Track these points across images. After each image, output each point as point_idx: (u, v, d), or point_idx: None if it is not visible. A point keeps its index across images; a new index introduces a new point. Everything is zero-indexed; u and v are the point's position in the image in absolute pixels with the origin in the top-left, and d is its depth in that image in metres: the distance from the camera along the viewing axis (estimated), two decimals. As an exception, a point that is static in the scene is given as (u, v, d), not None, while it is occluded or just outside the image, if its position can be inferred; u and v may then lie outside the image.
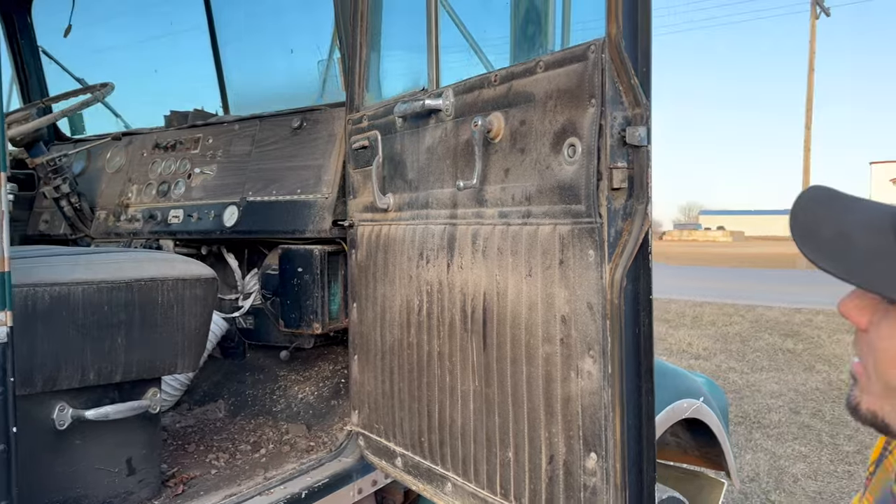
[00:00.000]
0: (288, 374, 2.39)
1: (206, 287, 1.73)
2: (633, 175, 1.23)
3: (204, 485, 1.79)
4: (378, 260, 1.84)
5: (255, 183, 2.24)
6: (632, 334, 1.26)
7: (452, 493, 1.62)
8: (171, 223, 2.41)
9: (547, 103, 1.32)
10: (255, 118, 2.37)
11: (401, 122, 1.73)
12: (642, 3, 1.23)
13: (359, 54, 1.95)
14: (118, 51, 3.09)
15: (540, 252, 1.34)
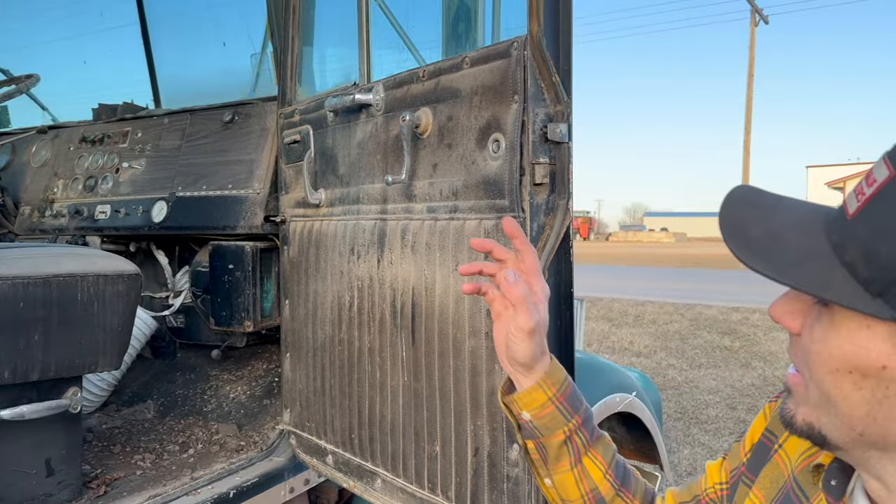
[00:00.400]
0: (220, 373, 2.35)
1: (129, 283, 1.69)
2: (554, 171, 1.25)
3: (128, 486, 1.75)
4: (310, 256, 1.83)
5: (185, 178, 2.19)
6: (553, 327, 1.27)
7: (382, 489, 1.62)
8: (97, 219, 2.34)
9: (473, 99, 1.33)
10: (185, 112, 2.31)
11: (332, 117, 1.72)
12: (563, 3, 1.25)
13: (291, 48, 1.93)
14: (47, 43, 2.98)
15: (466, 247, 1.35)
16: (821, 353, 0.67)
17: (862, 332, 0.63)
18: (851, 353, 0.64)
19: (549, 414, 0.97)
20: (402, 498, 1.55)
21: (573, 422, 0.98)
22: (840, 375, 0.65)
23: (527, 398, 0.97)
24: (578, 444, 0.99)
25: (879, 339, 0.62)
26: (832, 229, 0.66)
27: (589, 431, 1.01)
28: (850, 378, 0.65)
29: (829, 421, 0.69)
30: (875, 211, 0.61)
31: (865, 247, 0.61)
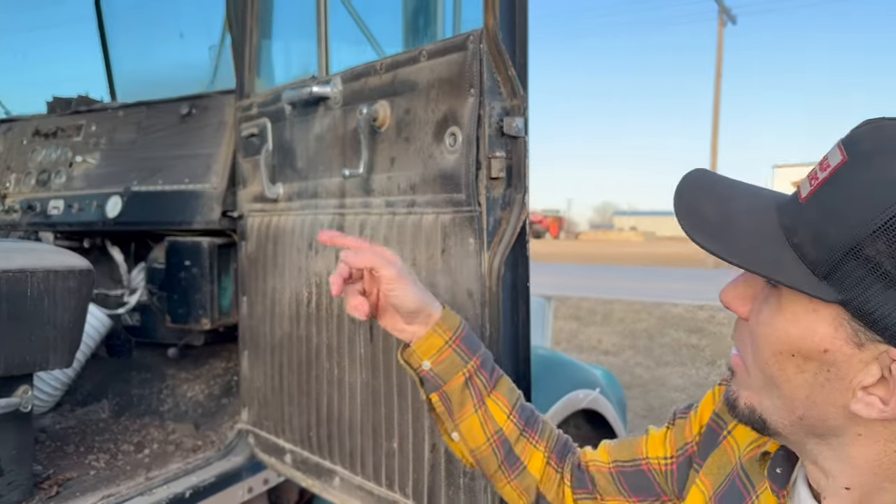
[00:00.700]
0: (177, 372, 2.30)
1: (81, 279, 1.64)
2: (511, 165, 1.25)
3: (80, 486, 1.70)
4: (268, 252, 1.80)
5: (141, 172, 2.14)
6: (510, 322, 1.27)
7: (340, 488, 1.60)
8: (50, 214, 2.28)
9: (430, 92, 1.32)
10: (141, 105, 2.26)
11: (290, 110, 1.69)
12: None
13: (249, 39, 1.90)
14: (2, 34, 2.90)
15: (424, 241, 1.33)
16: (766, 336, 0.68)
17: (808, 316, 0.64)
18: (796, 336, 0.65)
19: (447, 358, 1.01)
20: (360, 495, 1.53)
21: (472, 363, 1.02)
22: (783, 358, 0.66)
23: (424, 345, 1.01)
24: (479, 385, 1.03)
25: (824, 323, 0.63)
26: (784, 213, 0.67)
27: (489, 372, 1.04)
28: (793, 361, 0.66)
29: (770, 404, 0.70)
30: (826, 194, 0.62)
31: (815, 229, 0.62)
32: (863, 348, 0.61)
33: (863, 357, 0.62)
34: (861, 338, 0.61)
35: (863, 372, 0.62)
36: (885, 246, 0.57)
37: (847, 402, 0.63)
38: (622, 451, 1.02)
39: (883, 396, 0.61)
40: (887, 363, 0.60)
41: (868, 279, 0.59)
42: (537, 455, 1.05)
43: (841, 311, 0.61)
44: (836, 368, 0.63)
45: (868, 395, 0.62)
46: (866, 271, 0.59)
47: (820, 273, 0.62)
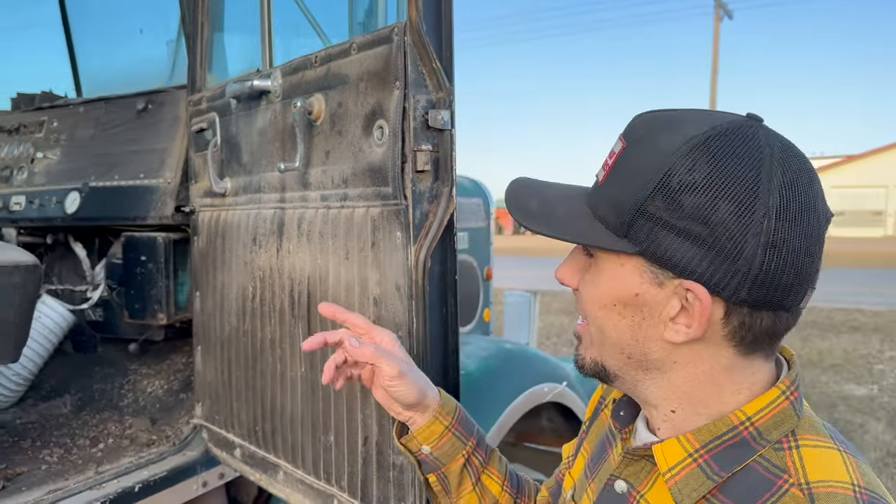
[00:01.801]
0: (139, 367, 2.31)
1: (26, 274, 1.64)
2: (437, 158, 1.24)
3: (29, 480, 1.71)
4: (217, 246, 1.80)
5: (99, 168, 2.14)
6: (438, 314, 1.27)
7: (284, 482, 1.60)
8: (13, 210, 2.28)
9: (359, 85, 1.32)
10: (100, 100, 2.26)
11: (235, 104, 1.69)
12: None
13: (200, 34, 1.90)
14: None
15: (356, 235, 1.33)
16: (592, 295, 0.82)
17: (618, 270, 0.78)
18: (613, 288, 0.78)
19: (447, 442, 1.06)
20: (301, 489, 1.54)
21: (469, 444, 1.08)
22: (608, 309, 0.80)
23: (425, 433, 1.06)
24: (476, 464, 1.10)
25: (630, 273, 0.77)
26: (589, 195, 0.82)
27: (484, 450, 1.11)
28: (616, 310, 0.79)
29: (606, 352, 0.82)
30: (615, 174, 0.78)
31: (611, 201, 0.77)
32: (663, 287, 0.75)
33: (665, 294, 0.75)
34: (660, 278, 0.74)
35: (668, 306, 0.75)
36: (662, 202, 0.72)
37: (661, 334, 0.76)
38: (550, 479, 1.12)
39: (686, 322, 0.74)
40: (683, 294, 0.73)
41: (655, 230, 0.73)
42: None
43: (641, 260, 0.75)
44: (647, 308, 0.76)
45: (675, 325, 0.75)
46: (652, 224, 0.73)
47: (620, 234, 0.75)
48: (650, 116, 0.79)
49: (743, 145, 0.71)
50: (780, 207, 0.69)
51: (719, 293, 0.71)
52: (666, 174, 0.71)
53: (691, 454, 0.75)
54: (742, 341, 0.74)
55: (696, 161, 0.70)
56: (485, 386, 2.30)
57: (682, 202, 0.70)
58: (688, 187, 0.70)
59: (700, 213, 0.70)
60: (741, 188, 0.69)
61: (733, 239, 0.69)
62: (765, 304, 0.72)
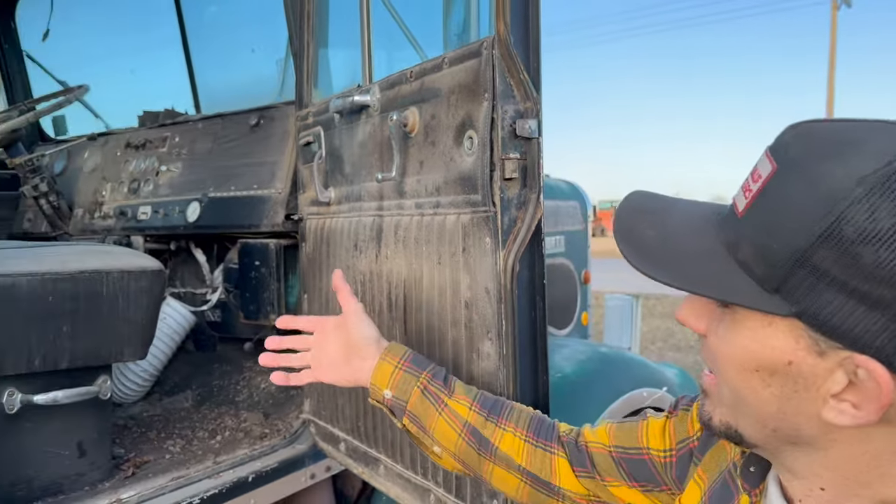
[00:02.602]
0: (253, 365, 2.46)
1: (152, 279, 1.81)
2: (525, 165, 1.28)
3: (155, 468, 1.87)
4: (322, 252, 1.91)
5: (216, 179, 2.31)
6: (527, 318, 1.31)
7: (384, 475, 1.68)
8: (140, 220, 2.50)
9: (451, 98, 1.38)
10: (217, 116, 2.44)
11: (338, 118, 1.79)
12: (532, 3, 1.28)
13: (306, 52, 2.02)
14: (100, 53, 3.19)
15: (447, 240, 1.39)
16: (727, 354, 0.67)
17: (764, 330, 0.63)
18: (756, 352, 0.64)
19: (400, 379, 1.15)
20: (400, 483, 1.61)
21: (423, 376, 1.15)
22: (748, 374, 0.65)
23: (378, 374, 1.17)
24: (435, 391, 1.14)
25: (782, 335, 0.62)
26: (724, 229, 0.66)
27: (442, 381, 1.16)
28: (758, 376, 0.64)
29: (743, 420, 0.69)
30: (762, 207, 0.61)
31: (757, 245, 0.61)
32: (825, 356, 0.60)
33: (826, 365, 0.60)
34: (821, 346, 0.59)
35: (830, 380, 0.60)
36: (830, 253, 0.56)
37: (818, 410, 0.62)
38: (623, 437, 1.01)
39: (854, 402, 0.59)
40: (852, 369, 0.58)
41: (818, 288, 0.58)
42: (506, 436, 1.09)
43: (797, 322, 0.60)
44: (802, 379, 0.62)
45: (840, 403, 0.60)
46: (815, 280, 0.58)
47: (769, 288, 0.61)
48: (808, 132, 0.61)
49: None
50: None
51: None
52: (837, 220, 0.55)
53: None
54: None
55: (878, 203, 0.54)
56: (581, 389, 2.30)
57: (858, 256, 0.55)
58: (868, 238, 0.54)
59: (884, 271, 0.54)
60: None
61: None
62: None
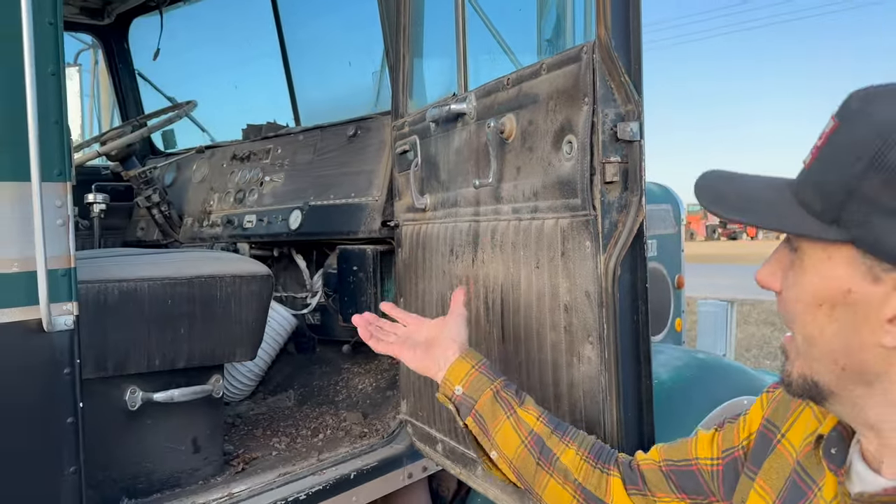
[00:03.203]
0: (351, 366, 2.54)
1: (262, 283, 1.90)
2: (626, 169, 1.28)
3: (263, 464, 1.97)
4: (418, 257, 1.96)
5: (317, 188, 2.41)
6: (629, 321, 1.30)
7: (482, 477, 1.71)
8: (246, 228, 2.62)
9: (549, 103, 1.39)
10: (316, 128, 2.54)
11: (434, 127, 1.84)
12: (633, 7, 1.28)
13: (402, 64, 2.07)
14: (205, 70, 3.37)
15: (546, 245, 1.41)
16: (795, 297, 0.73)
17: (824, 264, 0.69)
18: (819, 286, 0.69)
19: (475, 379, 1.22)
20: (498, 485, 1.63)
21: (497, 382, 1.22)
22: (814, 310, 0.70)
23: (454, 371, 1.24)
24: (507, 398, 1.20)
25: (840, 266, 0.67)
26: (794, 182, 0.74)
27: (514, 391, 1.22)
28: (823, 311, 0.70)
29: (816, 364, 0.73)
30: (824, 154, 0.69)
31: (815, 183, 0.69)
32: (880, 282, 0.65)
33: (883, 290, 0.64)
34: (876, 271, 0.64)
35: (887, 305, 0.64)
36: (879, 180, 0.62)
37: (880, 339, 0.65)
38: (674, 452, 1.07)
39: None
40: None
41: (871, 215, 0.63)
42: (569, 451, 1.14)
43: (853, 250, 0.66)
44: (862, 308, 0.66)
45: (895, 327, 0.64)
46: (868, 207, 0.63)
47: (827, 220, 0.67)
48: (867, 90, 0.68)
49: None
50: None
51: None
52: (881, 148, 0.62)
53: None
54: None
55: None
56: (678, 397, 2.26)
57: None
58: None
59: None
60: None
61: None
62: None
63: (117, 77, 3.31)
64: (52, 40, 1.27)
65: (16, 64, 1.20)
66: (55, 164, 1.27)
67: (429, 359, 1.29)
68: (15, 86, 1.21)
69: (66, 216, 1.31)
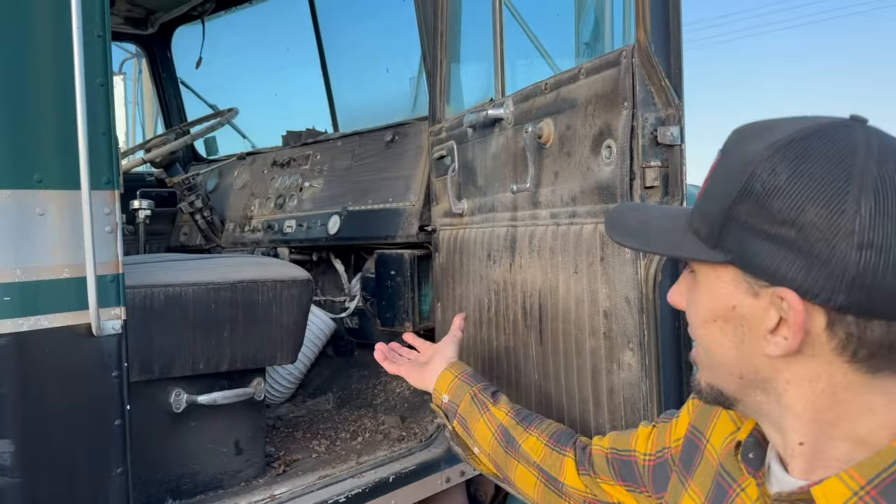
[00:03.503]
0: (389, 370, 2.56)
1: (302, 288, 1.92)
2: (667, 173, 1.27)
3: (303, 466, 1.99)
4: (455, 262, 1.96)
5: (355, 194, 2.43)
6: (670, 328, 1.29)
7: (521, 482, 1.70)
8: (286, 233, 2.66)
9: (587, 108, 1.39)
10: (355, 134, 2.57)
11: (471, 132, 1.84)
12: (673, 9, 1.27)
13: (439, 70, 2.09)
14: (247, 78, 3.43)
15: (584, 250, 1.40)
16: (693, 312, 0.81)
17: (714, 283, 0.76)
18: (710, 302, 0.77)
19: (457, 386, 1.43)
20: (537, 491, 1.63)
21: (476, 387, 1.41)
22: (710, 325, 0.78)
23: (441, 382, 1.45)
24: (483, 399, 1.39)
25: (726, 284, 0.74)
26: (690, 211, 0.81)
27: (490, 394, 1.40)
28: (717, 325, 0.77)
29: (718, 374, 0.79)
30: (708, 186, 0.77)
31: (701, 211, 0.77)
32: (759, 297, 0.71)
33: (761, 304, 0.71)
34: (755, 287, 0.71)
35: (766, 317, 0.71)
36: (747, 206, 0.70)
37: (764, 349, 0.72)
38: (619, 441, 1.15)
39: (785, 334, 0.70)
40: (779, 304, 0.70)
41: (746, 237, 0.71)
42: (531, 439, 1.30)
43: (735, 270, 0.73)
44: (747, 321, 0.73)
45: (775, 337, 0.71)
46: (742, 231, 0.71)
47: (711, 244, 0.74)
48: (742, 128, 0.77)
49: (831, 144, 0.68)
50: (874, 205, 0.65)
51: (814, 299, 0.67)
52: (749, 178, 0.70)
53: (857, 492, 0.69)
54: (856, 356, 0.68)
55: (777, 163, 0.69)
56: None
57: (768, 206, 0.69)
58: (772, 190, 0.68)
59: (787, 215, 0.67)
60: (828, 188, 0.66)
61: (824, 240, 0.66)
62: (871, 312, 0.66)
63: (161, 85, 3.39)
64: (101, 52, 1.31)
65: (66, 75, 1.24)
66: (104, 173, 1.31)
67: (422, 373, 1.51)
68: (65, 97, 1.25)
69: (115, 223, 1.35)
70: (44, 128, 1.25)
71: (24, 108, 1.23)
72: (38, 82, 1.25)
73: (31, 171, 1.23)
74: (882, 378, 0.69)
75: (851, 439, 0.71)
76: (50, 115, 1.26)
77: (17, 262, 1.20)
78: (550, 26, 2.05)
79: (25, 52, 1.24)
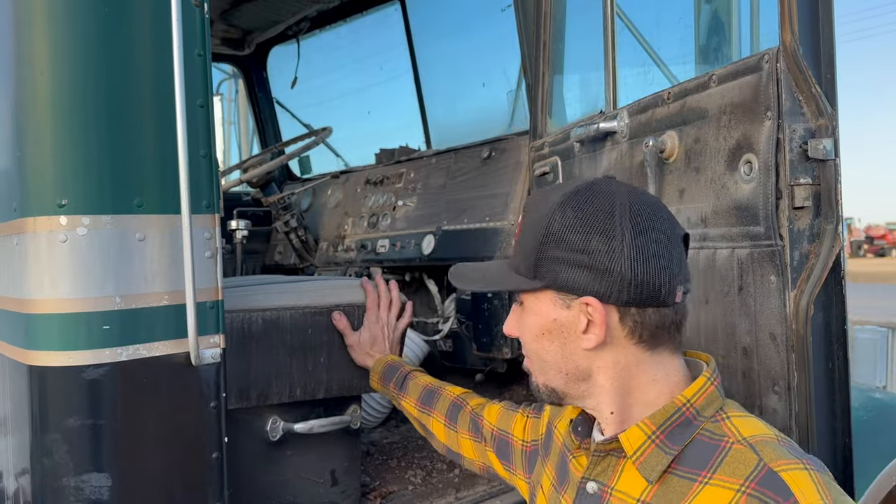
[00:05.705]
0: (483, 396, 2.44)
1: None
2: (819, 192, 1.12)
3: (400, 499, 1.90)
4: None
5: (450, 212, 2.34)
6: (823, 369, 1.13)
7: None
8: (379, 252, 2.60)
9: (721, 119, 1.24)
10: (449, 151, 2.48)
11: (578, 147, 1.72)
12: (823, 7, 1.12)
13: (541, 82, 1.97)
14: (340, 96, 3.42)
15: (718, 277, 1.26)
16: (524, 333, 1.05)
17: (537, 305, 1.01)
18: (536, 321, 1.01)
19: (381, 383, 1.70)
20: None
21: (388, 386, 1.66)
22: (540, 339, 1.02)
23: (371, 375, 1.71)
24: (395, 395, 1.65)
25: (546, 304, 1.00)
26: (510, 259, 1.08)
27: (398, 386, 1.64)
28: (545, 338, 1.01)
29: (549, 375, 1.03)
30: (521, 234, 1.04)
31: (521, 255, 1.02)
32: (570, 308, 0.98)
33: (573, 313, 0.97)
34: (567, 301, 0.98)
35: (578, 322, 0.97)
36: (552, 243, 0.97)
37: (582, 345, 0.97)
38: (503, 420, 1.38)
39: (594, 332, 0.96)
40: (585, 310, 0.96)
41: (553, 266, 0.97)
42: (437, 424, 1.54)
43: (550, 292, 0.99)
44: (566, 328, 0.98)
45: (587, 335, 0.97)
46: (550, 263, 0.97)
47: (529, 276, 1.00)
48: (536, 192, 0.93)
49: (599, 194, 0.97)
50: (633, 230, 0.93)
51: (608, 300, 0.94)
52: (549, 221, 0.97)
53: (650, 436, 0.94)
54: (641, 338, 0.96)
55: (566, 209, 0.97)
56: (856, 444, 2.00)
57: (566, 240, 0.96)
58: (566, 228, 0.96)
59: (579, 245, 0.95)
60: (603, 222, 0.94)
61: (606, 258, 0.93)
62: (646, 302, 0.94)
63: (257, 106, 3.42)
64: (201, 72, 1.27)
65: (166, 96, 1.20)
66: (204, 196, 1.26)
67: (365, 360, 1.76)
68: (165, 118, 1.20)
69: (215, 248, 1.30)
70: (144, 151, 1.21)
71: (124, 131, 1.19)
72: (138, 105, 1.21)
73: (132, 195, 1.19)
74: (660, 354, 0.97)
75: (643, 403, 0.98)
76: (150, 137, 1.22)
77: (116, 290, 1.16)
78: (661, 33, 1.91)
79: (125, 75, 1.20)
